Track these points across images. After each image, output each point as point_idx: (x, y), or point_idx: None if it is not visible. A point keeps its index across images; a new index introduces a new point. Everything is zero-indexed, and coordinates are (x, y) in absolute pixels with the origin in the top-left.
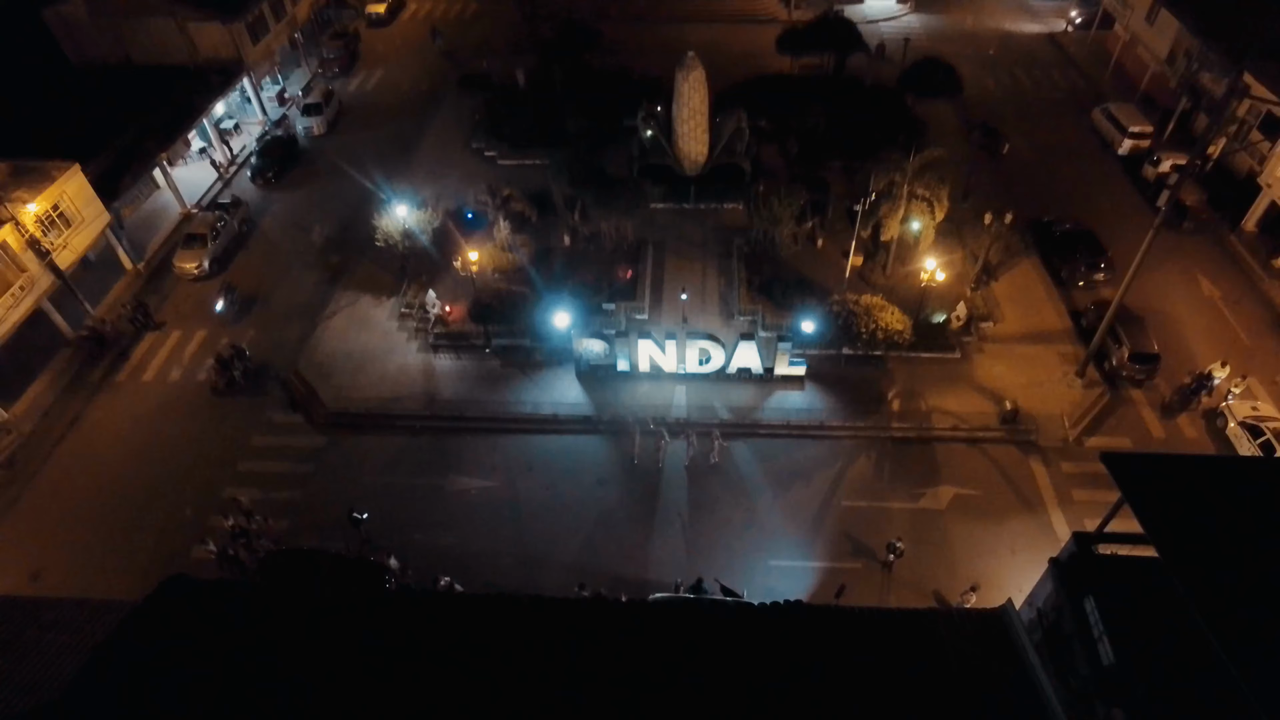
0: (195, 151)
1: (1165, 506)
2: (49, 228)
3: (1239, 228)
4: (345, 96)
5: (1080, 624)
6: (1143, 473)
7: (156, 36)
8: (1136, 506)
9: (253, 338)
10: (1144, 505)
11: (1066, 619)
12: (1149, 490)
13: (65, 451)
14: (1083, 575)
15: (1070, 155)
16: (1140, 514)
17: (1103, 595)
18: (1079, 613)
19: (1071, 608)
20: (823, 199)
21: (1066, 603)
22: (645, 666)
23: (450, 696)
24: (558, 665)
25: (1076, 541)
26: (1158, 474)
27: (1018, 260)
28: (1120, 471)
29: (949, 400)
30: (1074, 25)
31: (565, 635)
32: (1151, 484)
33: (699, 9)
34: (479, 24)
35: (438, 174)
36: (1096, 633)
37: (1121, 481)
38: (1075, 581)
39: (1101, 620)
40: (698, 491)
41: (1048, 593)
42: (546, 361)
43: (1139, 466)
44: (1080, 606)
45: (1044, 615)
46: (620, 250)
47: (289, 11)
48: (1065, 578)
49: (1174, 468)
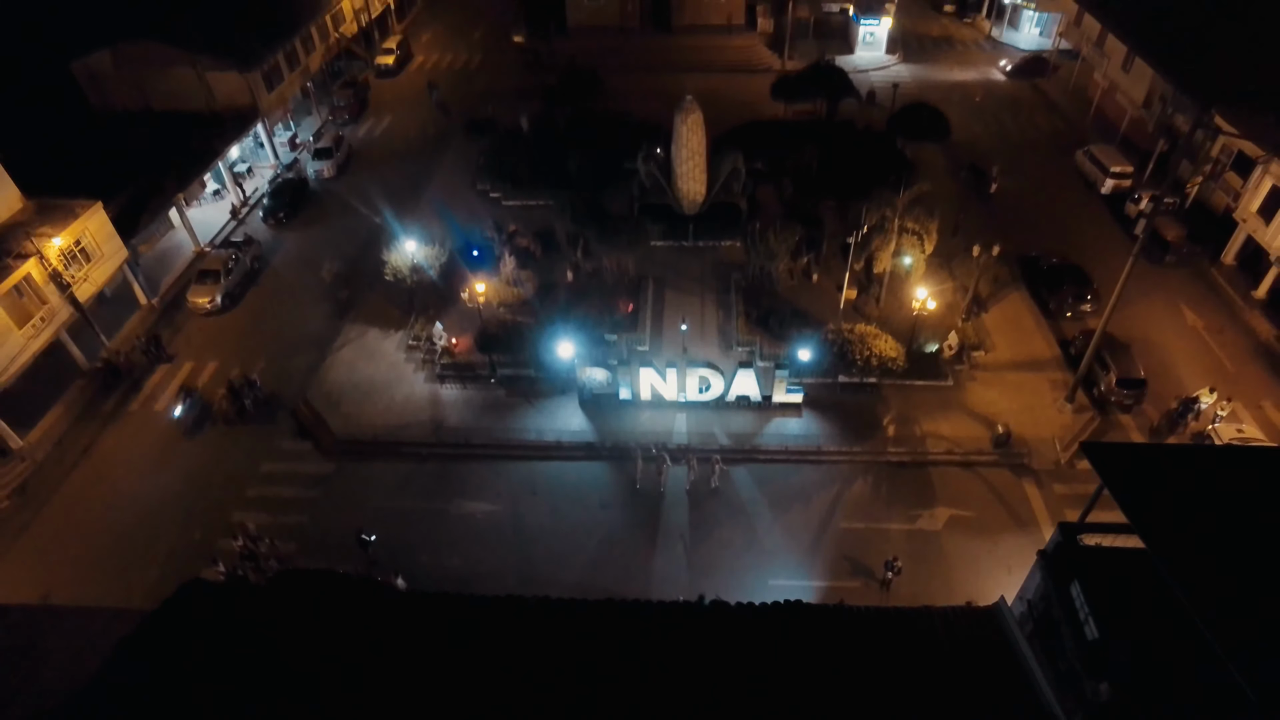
0: (210, 193)
1: (1142, 491)
2: (70, 261)
3: (1219, 261)
4: (355, 142)
5: (1067, 609)
6: (1120, 461)
7: (176, 85)
8: (1115, 491)
9: (263, 368)
10: (1122, 490)
11: (1055, 606)
12: (1127, 476)
13: (77, 479)
14: (1068, 563)
15: (1055, 194)
16: (1119, 498)
17: (1087, 580)
18: (1065, 599)
19: (1059, 595)
20: (817, 235)
21: (1054, 591)
22: (648, 663)
23: (459, 695)
24: (561, 664)
25: (1061, 532)
26: (1134, 462)
27: (1007, 292)
28: (1099, 460)
29: (943, 425)
30: (1006, 73)
31: (568, 635)
32: (1129, 471)
33: (697, 59)
34: (484, 73)
35: (444, 213)
36: (1082, 615)
37: (1100, 470)
38: (1062, 570)
39: (1086, 603)
40: (699, 514)
41: (1037, 584)
42: (550, 391)
43: (1116, 455)
44: (1066, 593)
45: (1034, 607)
46: (622, 285)
47: (302, 62)
48: (1052, 567)
49: (1149, 456)
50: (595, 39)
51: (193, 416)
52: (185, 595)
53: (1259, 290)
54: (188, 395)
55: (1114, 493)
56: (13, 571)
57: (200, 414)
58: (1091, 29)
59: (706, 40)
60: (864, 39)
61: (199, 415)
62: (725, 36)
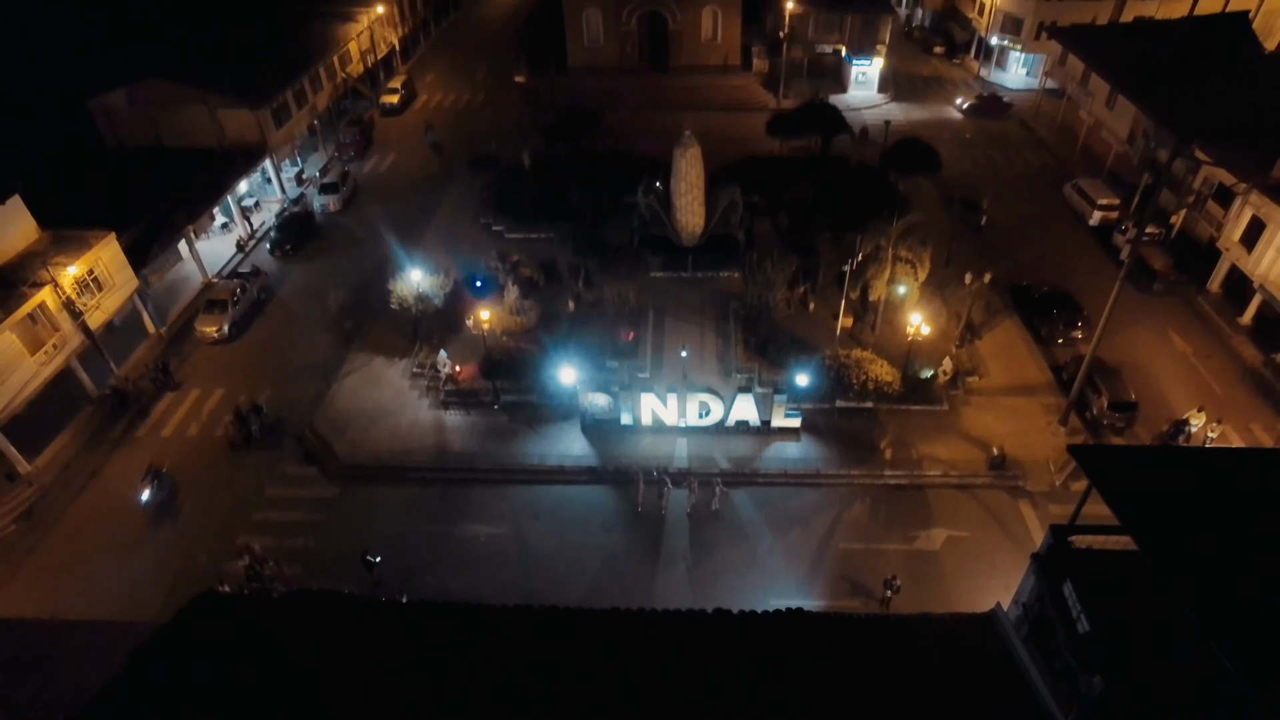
0: (218, 226)
1: (1127, 490)
2: (83, 290)
3: (1205, 289)
4: (360, 177)
5: (1060, 607)
6: (1107, 462)
7: (188, 122)
8: (1102, 490)
9: (269, 396)
10: (1109, 489)
11: (1048, 605)
12: (1113, 477)
13: (83, 503)
14: (1060, 564)
15: (1045, 227)
16: (1105, 496)
17: (1078, 578)
18: (1058, 597)
19: (1052, 594)
20: (813, 266)
21: (1047, 590)
22: (653, 669)
23: (468, 702)
24: (568, 670)
25: (1053, 534)
26: (1120, 463)
27: (999, 320)
28: (1087, 462)
29: (939, 449)
30: (963, 111)
31: (573, 642)
32: (1115, 472)
33: (694, 98)
34: (487, 111)
35: (448, 246)
36: (1075, 612)
37: (1088, 470)
38: (1054, 570)
39: (1079, 601)
40: (699, 536)
41: (1031, 586)
42: (552, 416)
43: (1103, 457)
44: (1059, 592)
45: (1029, 609)
46: (623, 314)
47: (310, 100)
48: (1045, 569)
49: (1133, 457)
50: (595, 79)
51: (160, 500)
52: (198, 607)
53: (1244, 317)
54: (155, 477)
55: (1101, 492)
56: (19, 594)
57: (169, 497)
58: (1075, 68)
59: (703, 80)
60: (856, 79)
61: (167, 498)
62: (721, 76)
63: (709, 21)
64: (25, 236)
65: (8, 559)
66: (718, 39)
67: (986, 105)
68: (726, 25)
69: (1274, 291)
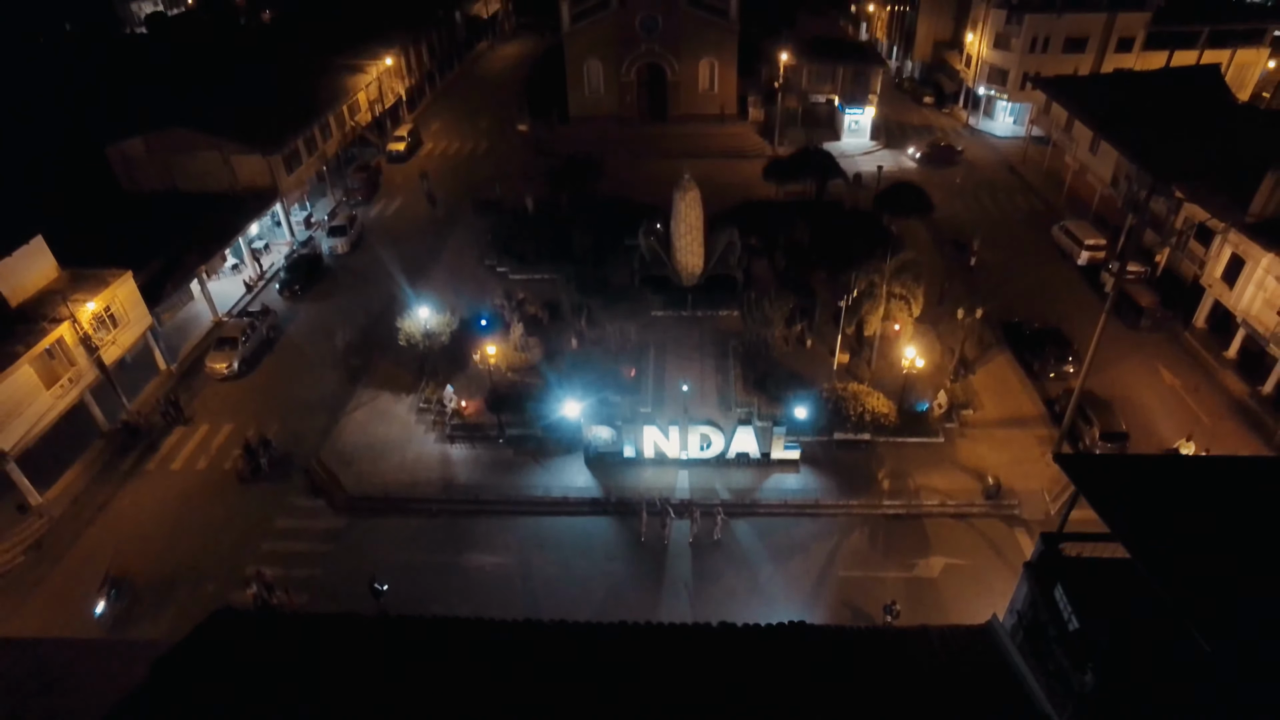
0: (229, 267)
1: (1113, 494)
2: (100, 326)
3: (1191, 325)
4: (367, 221)
5: (1052, 610)
6: (1092, 470)
7: (202, 167)
8: (1088, 495)
9: (278, 430)
10: (1095, 494)
11: (1041, 610)
12: (1099, 483)
13: (92, 534)
14: (1051, 569)
15: (1035, 266)
16: (1093, 502)
17: (1068, 583)
18: (1050, 601)
19: (1044, 599)
20: (810, 304)
21: (1039, 596)
22: (659, 679)
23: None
24: (570, 683)
25: (1044, 541)
26: (1105, 470)
27: (992, 355)
28: (1073, 470)
29: (935, 479)
30: (915, 160)
31: (577, 655)
32: (1101, 479)
33: (692, 146)
34: (490, 158)
35: (454, 287)
36: (1066, 614)
37: (1074, 477)
38: (1046, 576)
39: (1069, 603)
40: (702, 565)
41: (1024, 594)
42: (557, 450)
43: (1089, 464)
44: (1051, 596)
45: (1023, 616)
46: (625, 352)
47: (320, 147)
48: (1037, 575)
49: (1118, 464)
50: (596, 127)
51: (116, 612)
52: (216, 622)
53: (1229, 351)
54: (113, 586)
55: (1087, 497)
56: (26, 624)
57: (129, 607)
58: (1059, 116)
59: (701, 128)
60: (849, 127)
61: (125, 609)
62: (718, 125)
63: (706, 73)
64: (46, 275)
65: (16, 590)
66: (714, 89)
67: (938, 154)
68: (723, 76)
69: (1256, 326)
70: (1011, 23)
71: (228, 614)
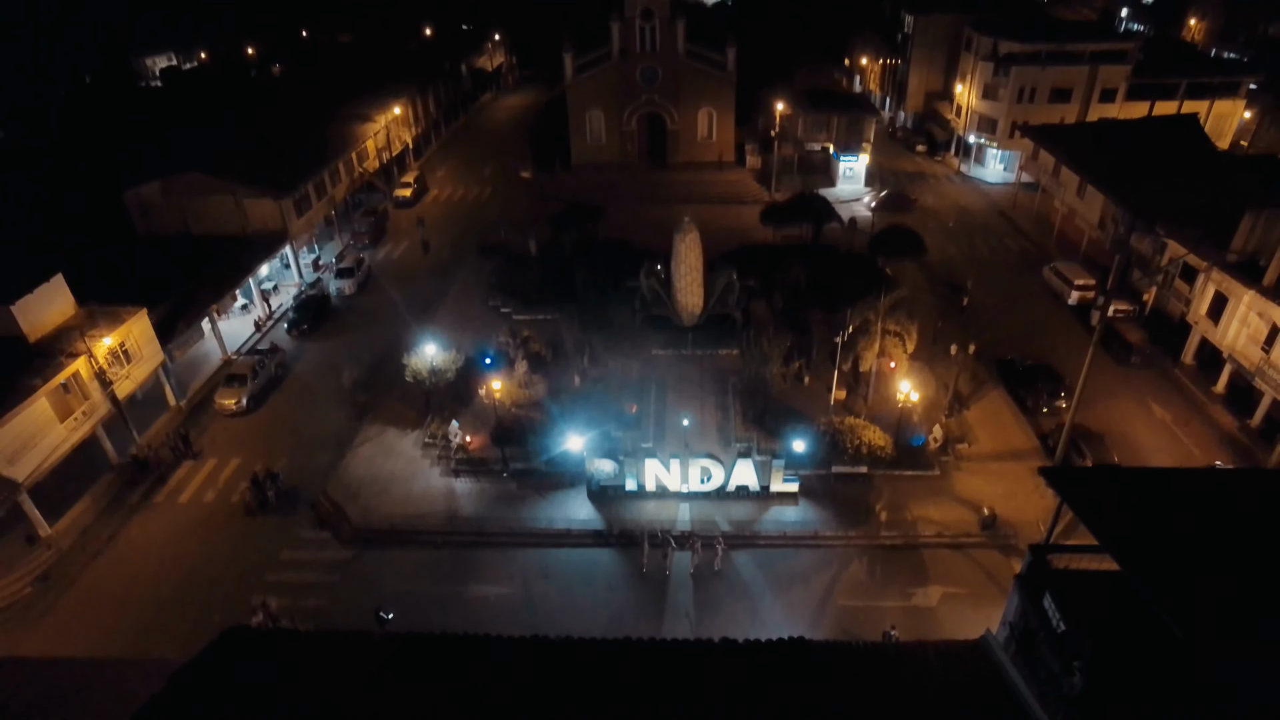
0: (238, 307)
1: (1097, 504)
2: (114, 361)
3: (1180, 361)
4: (374, 263)
5: (1041, 618)
6: (1076, 482)
7: (215, 211)
8: (1074, 507)
9: (285, 465)
10: (1080, 506)
11: (1031, 618)
12: (1083, 494)
13: (99, 566)
14: (1040, 579)
15: (1027, 306)
16: (1077, 511)
17: (1056, 591)
18: (1040, 610)
19: (1034, 608)
20: (807, 343)
21: (1030, 605)
22: (663, 693)
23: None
24: (575, 698)
25: (1032, 553)
26: (1088, 482)
27: (986, 391)
28: (1058, 483)
29: (932, 511)
30: (871, 209)
31: (580, 670)
32: (1084, 490)
33: (691, 192)
34: (495, 204)
35: (459, 327)
36: (1054, 620)
37: (1059, 490)
38: (1035, 586)
39: (1057, 609)
40: (703, 595)
41: (1015, 605)
42: (560, 483)
43: (1073, 477)
44: (1040, 605)
45: (1015, 627)
46: (626, 389)
47: (329, 192)
48: (1027, 585)
49: (1101, 477)
50: (597, 174)
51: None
52: (229, 640)
53: (1218, 386)
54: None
55: (1073, 509)
56: (36, 651)
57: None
58: (1047, 162)
59: (700, 175)
60: (844, 174)
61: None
62: (717, 172)
63: (704, 122)
64: (64, 312)
65: (22, 621)
66: (713, 137)
67: (893, 202)
68: (721, 125)
69: (1242, 361)
70: (999, 74)
71: (240, 632)
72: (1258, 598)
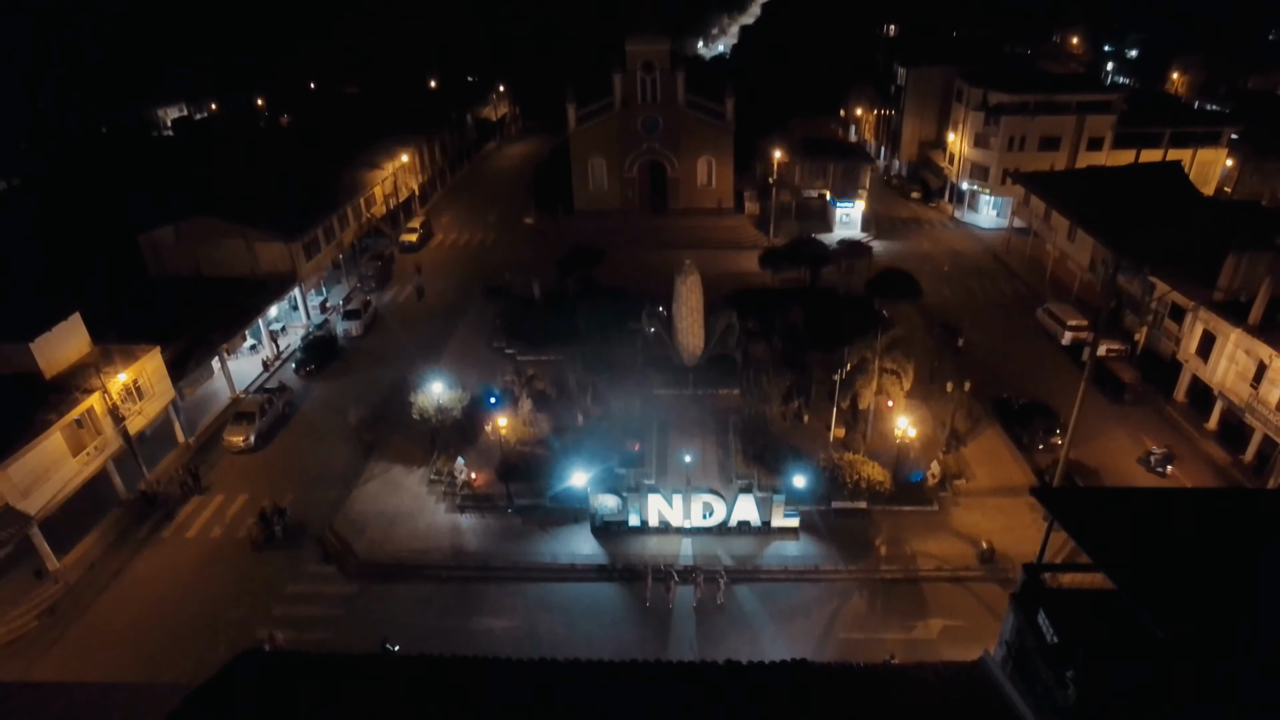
0: (247, 347)
1: (1088, 522)
2: (126, 397)
3: (1172, 399)
4: (380, 306)
5: (1036, 634)
6: (1067, 502)
7: (226, 254)
8: (1065, 525)
9: (292, 500)
10: (1069, 522)
11: (1026, 636)
12: (1072, 512)
13: (106, 600)
14: (1033, 597)
15: (1021, 347)
16: (1066, 527)
17: (1050, 607)
18: (1034, 626)
19: (1029, 624)
20: (806, 383)
21: (1025, 622)
22: (667, 713)
23: None
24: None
25: (1026, 572)
26: (1079, 502)
27: (983, 429)
28: (1049, 502)
29: (931, 545)
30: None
31: (588, 692)
32: (1073, 508)
33: (691, 237)
34: (499, 249)
35: (464, 368)
36: (1048, 635)
37: (1050, 507)
38: (1029, 603)
39: (1050, 624)
40: (706, 628)
41: (1011, 624)
42: (563, 519)
43: (1063, 496)
44: (1035, 621)
45: (1011, 646)
46: (629, 427)
47: (337, 236)
48: (1021, 603)
49: (1091, 497)
50: (599, 220)
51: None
52: (244, 662)
53: (1210, 422)
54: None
55: (1063, 524)
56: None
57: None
58: (1038, 208)
59: (699, 221)
60: (841, 220)
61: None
62: (716, 218)
63: (704, 169)
64: (79, 349)
65: (27, 654)
66: (712, 184)
67: (849, 249)
68: (720, 173)
69: (1232, 397)
70: (990, 124)
71: (255, 654)
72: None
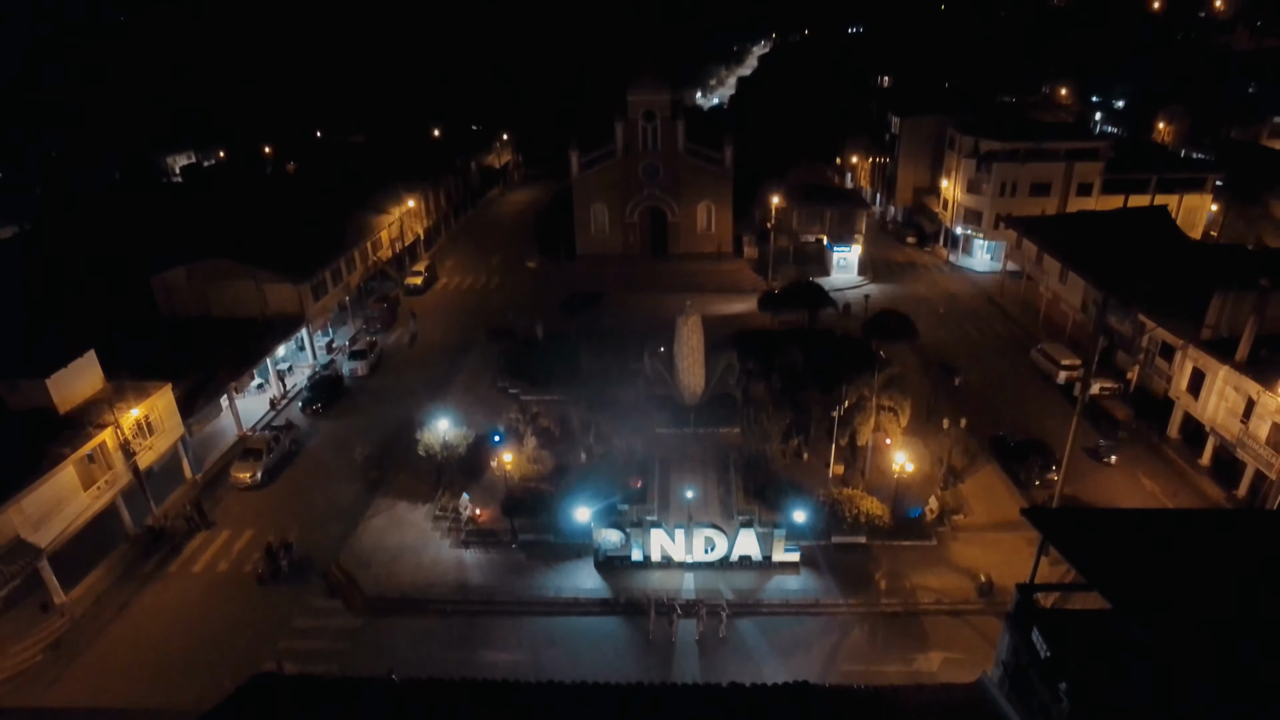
0: (254, 386)
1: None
2: (138, 433)
3: (1165, 436)
4: (386, 347)
5: (1030, 651)
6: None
7: (235, 295)
8: (1056, 544)
9: (298, 536)
10: (1060, 541)
11: (1022, 654)
12: (1062, 531)
13: (112, 634)
14: (1027, 616)
15: (1016, 386)
16: (1057, 545)
17: (1044, 626)
18: (1029, 644)
19: (1024, 643)
20: (805, 421)
21: (1020, 641)
22: None
23: None
24: None
25: (1019, 591)
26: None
27: (979, 466)
28: (1040, 522)
29: (930, 579)
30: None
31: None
32: (1063, 527)
33: (691, 281)
34: (502, 292)
35: (468, 408)
36: (1042, 653)
37: (1040, 527)
38: (1023, 622)
39: (1044, 641)
40: (709, 661)
41: (1006, 643)
42: (567, 554)
43: (1054, 517)
44: (1029, 639)
45: (1007, 665)
46: (631, 465)
47: (344, 278)
48: (1015, 622)
49: (1080, 518)
50: (601, 264)
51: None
52: (257, 686)
53: (1203, 458)
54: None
55: (1053, 543)
56: None
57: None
58: (1031, 251)
59: (699, 265)
60: (838, 264)
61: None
62: (715, 262)
63: (703, 215)
64: (93, 385)
65: (31, 689)
66: (712, 229)
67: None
68: (719, 218)
69: (1223, 433)
70: (982, 170)
71: (268, 678)
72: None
